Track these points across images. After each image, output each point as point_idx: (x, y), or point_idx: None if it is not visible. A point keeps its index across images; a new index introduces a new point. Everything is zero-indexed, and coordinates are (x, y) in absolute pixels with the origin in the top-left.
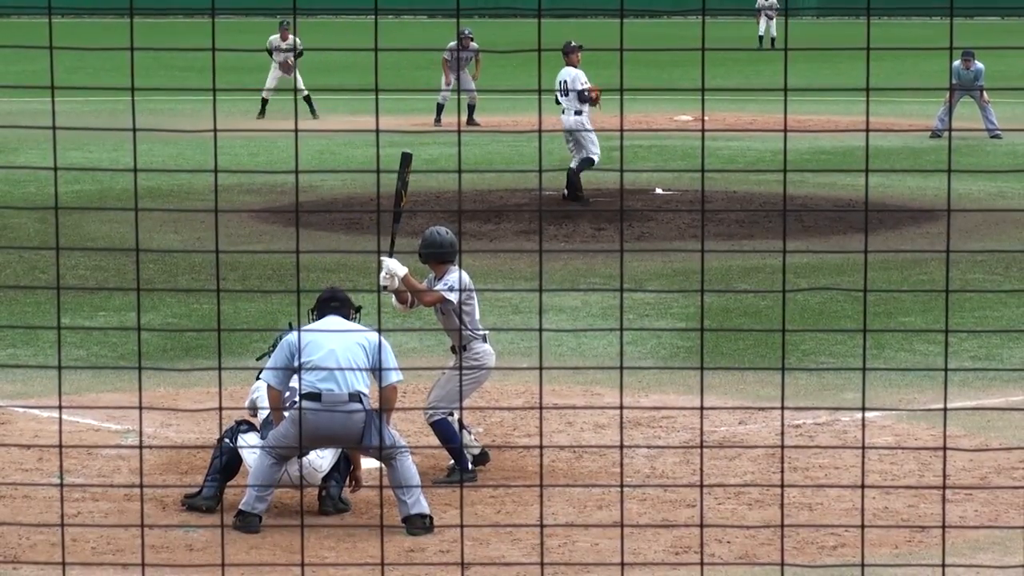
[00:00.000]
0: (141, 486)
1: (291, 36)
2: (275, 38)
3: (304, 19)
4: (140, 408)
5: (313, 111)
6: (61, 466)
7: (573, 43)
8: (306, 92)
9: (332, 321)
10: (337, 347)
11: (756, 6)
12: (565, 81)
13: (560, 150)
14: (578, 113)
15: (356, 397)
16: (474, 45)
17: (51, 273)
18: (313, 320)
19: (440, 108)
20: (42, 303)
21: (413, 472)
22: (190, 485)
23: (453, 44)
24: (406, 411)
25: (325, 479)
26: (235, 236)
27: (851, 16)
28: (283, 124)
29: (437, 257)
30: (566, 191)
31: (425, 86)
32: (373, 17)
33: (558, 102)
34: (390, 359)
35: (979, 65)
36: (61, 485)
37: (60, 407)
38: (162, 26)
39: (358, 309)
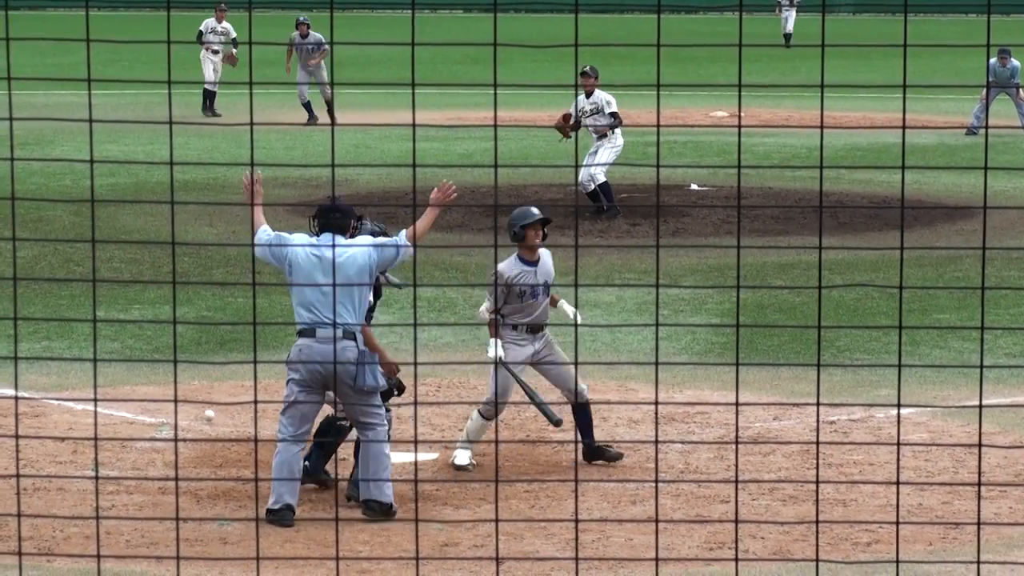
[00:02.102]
0: (176, 479)
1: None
2: (210, 21)
3: (340, 13)
4: (176, 401)
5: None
6: (96, 459)
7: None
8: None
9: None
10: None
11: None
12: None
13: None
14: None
15: (349, 334)
16: (315, 35)
17: (86, 266)
18: (314, 232)
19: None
20: (77, 296)
21: (378, 456)
22: (224, 478)
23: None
24: (440, 405)
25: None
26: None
27: (887, 13)
28: (319, 118)
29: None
30: (604, 204)
31: (462, 80)
32: (410, 12)
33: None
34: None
35: (1015, 62)
36: (96, 478)
37: (95, 400)
38: (198, 19)
39: (360, 219)
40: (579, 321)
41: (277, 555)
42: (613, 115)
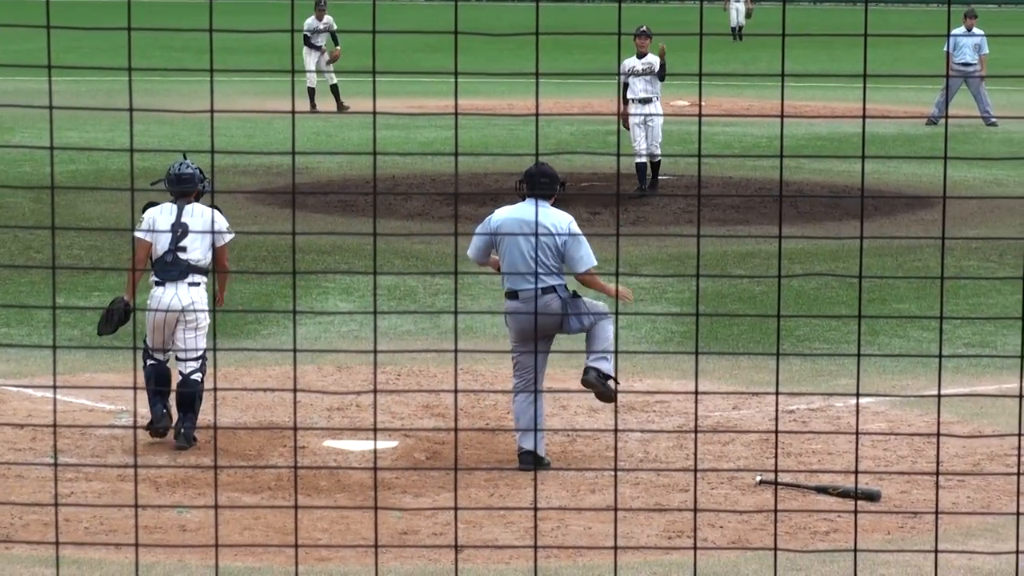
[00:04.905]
0: (135, 466)
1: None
2: (311, 20)
3: (301, 1)
4: (135, 388)
5: (338, 101)
6: (55, 446)
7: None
8: (335, 81)
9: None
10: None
11: None
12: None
13: (557, 134)
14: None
15: (548, 289)
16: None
17: (46, 253)
18: (520, 192)
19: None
20: (36, 283)
21: (605, 335)
22: (183, 465)
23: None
24: (399, 393)
25: (181, 417)
26: (231, 217)
27: (848, 2)
28: (280, 106)
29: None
30: (648, 183)
31: (423, 68)
32: (371, 0)
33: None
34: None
35: (979, 31)
36: (55, 465)
37: (54, 387)
38: (159, 6)
39: (563, 184)
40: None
41: (236, 542)
42: (660, 70)
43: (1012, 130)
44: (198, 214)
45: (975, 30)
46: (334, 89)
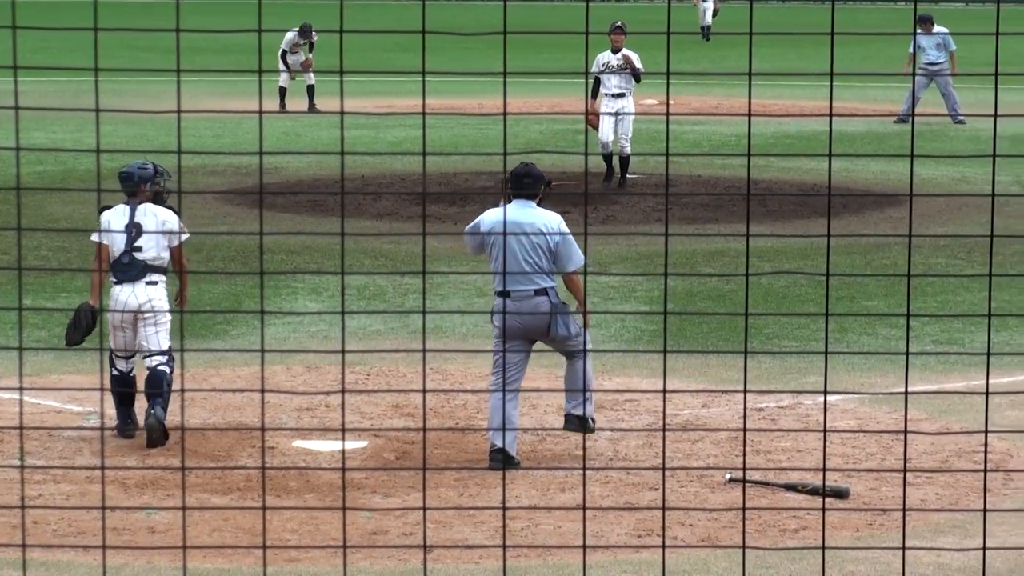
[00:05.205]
0: (103, 468)
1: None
2: (292, 35)
3: (269, 1)
4: (103, 390)
5: (311, 101)
6: (22, 448)
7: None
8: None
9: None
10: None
11: None
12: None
13: (526, 133)
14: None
15: (541, 291)
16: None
17: (13, 254)
18: (506, 191)
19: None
20: (3, 284)
21: (581, 376)
22: (152, 467)
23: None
24: (369, 393)
25: (151, 404)
26: (199, 217)
27: (817, 1)
28: (248, 106)
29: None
30: (620, 177)
31: (392, 68)
32: None
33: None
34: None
35: (942, 28)
36: (22, 467)
37: (21, 388)
38: (127, 6)
39: (548, 184)
40: None
41: (205, 544)
42: (637, 71)
43: (980, 128)
44: (151, 214)
45: (937, 29)
46: (310, 90)
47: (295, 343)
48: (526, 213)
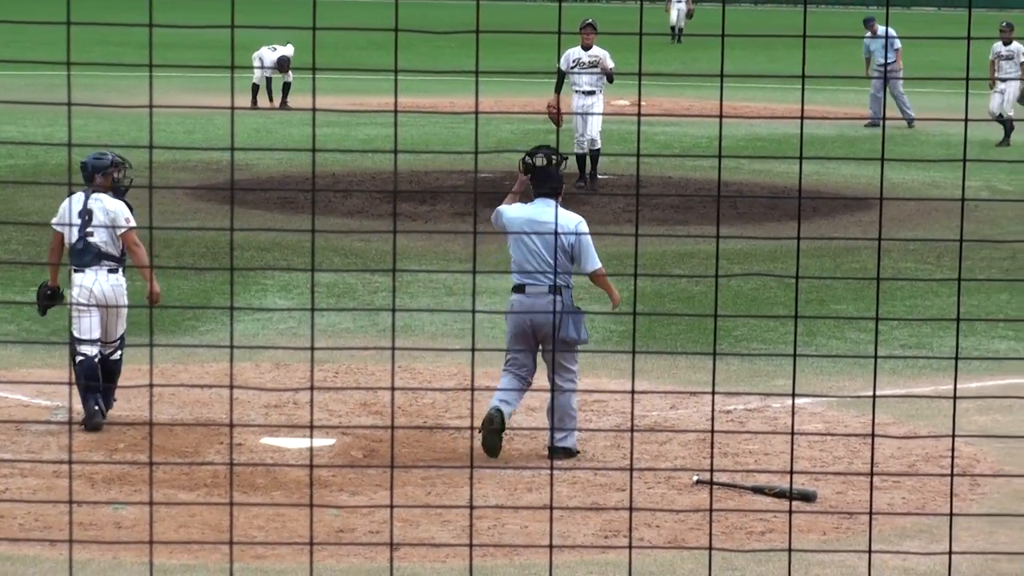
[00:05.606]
0: (70, 462)
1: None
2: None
3: None
4: (70, 384)
5: (284, 98)
6: None
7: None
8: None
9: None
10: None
11: None
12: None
13: (497, 132)
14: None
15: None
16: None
17: None
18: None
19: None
20: None
21: (569, 410)
22: (119, 462)
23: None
24: (337, 391)
25: (104, 395)
26: (170, 213)
27: (789, 4)
28: (220, 102)
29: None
30: (591, 172)
31: (364, 65)
32: None
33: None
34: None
35: (890, 31)
36: None
37: None
38: (99, 0)
39: (561, 181)
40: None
41: (171, 539)
42: (610, 71)
43: (950, 132)
44: (100, 200)
45: (881, 31)
46: (286, 87)
47: (264, 340)
48: (547, 212)
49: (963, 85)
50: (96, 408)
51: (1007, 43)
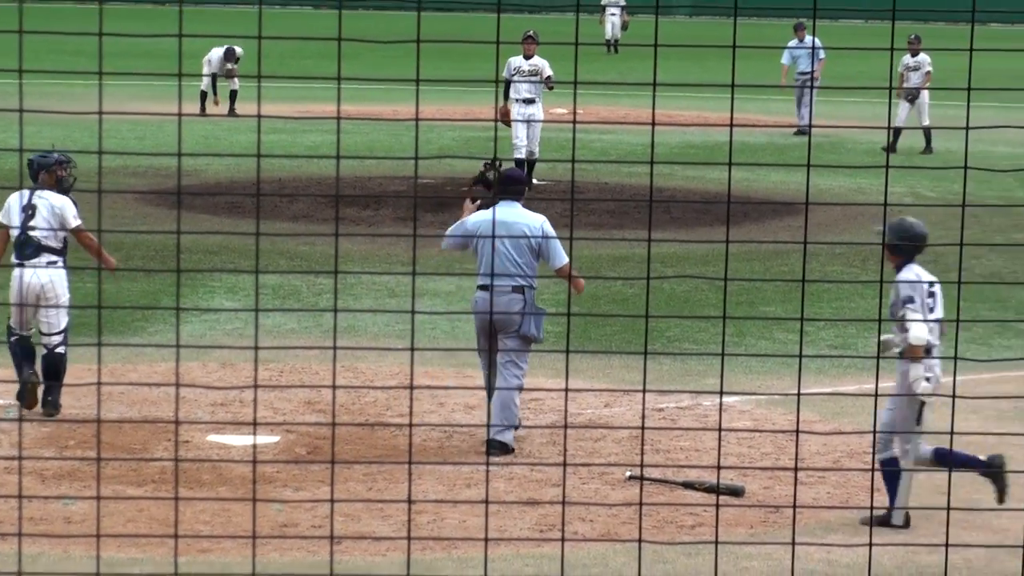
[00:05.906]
0: (20, 458)
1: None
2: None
3: (190, 8)
4: (20, 383)
5: (231, 106)
6: None
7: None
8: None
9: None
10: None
11: (602, 2)
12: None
13: (439, 139)
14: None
15: (518, 289)
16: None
17: None
18: (480, 179)
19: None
20: None
21: (510, 407)
22: (69, 458)
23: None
24: (281, 389)
25: (48, 390)
26: (120, 217)
27: (723, 16)
28: (170, 109)
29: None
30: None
31: (310, 74)
32: (258, 7)
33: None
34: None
35: (816, 40)
36: None
37: None
38: (52, 10)
39: (529, 185)
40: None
41: (119, 533)
42: (548, 78)
43: (876, 140)
44: (46, 198)
45: (808, 39)
46: (233, 95)
47: (211, 340)
48: (513, 214)
49: (887, 95)
50: (31, 371)
51: (914, 54)
